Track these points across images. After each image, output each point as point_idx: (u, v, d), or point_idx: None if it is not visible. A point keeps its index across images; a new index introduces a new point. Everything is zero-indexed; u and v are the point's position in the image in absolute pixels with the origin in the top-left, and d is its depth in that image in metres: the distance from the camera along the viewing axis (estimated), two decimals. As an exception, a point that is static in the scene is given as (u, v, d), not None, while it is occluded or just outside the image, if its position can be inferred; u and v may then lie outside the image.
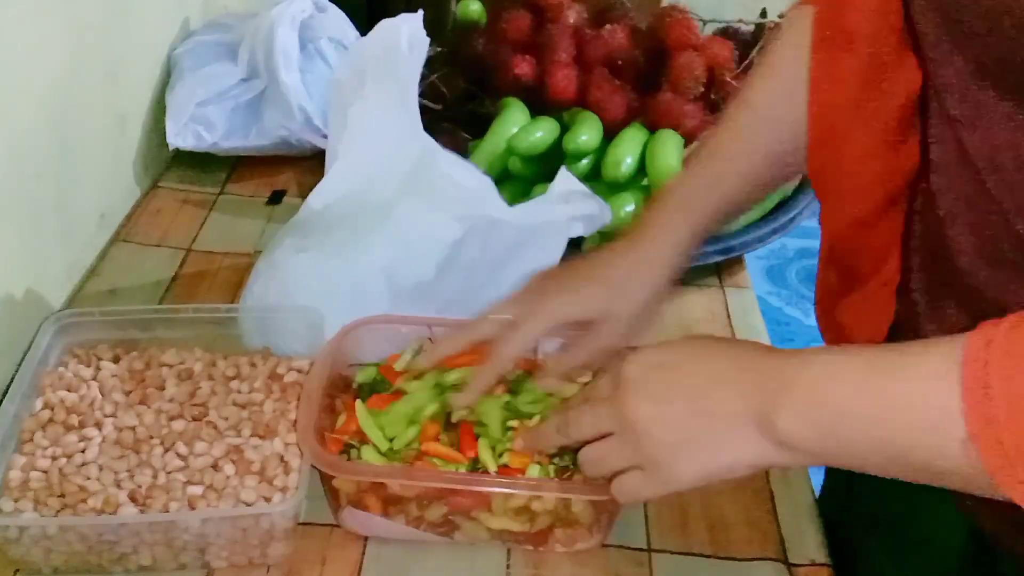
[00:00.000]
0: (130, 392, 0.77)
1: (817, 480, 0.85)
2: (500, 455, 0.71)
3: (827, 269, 0.75)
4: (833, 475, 0.88)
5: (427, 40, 0.87)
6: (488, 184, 0.90)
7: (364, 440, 0.72)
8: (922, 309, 0.65)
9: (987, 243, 0.57)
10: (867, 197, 0.66)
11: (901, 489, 0.80)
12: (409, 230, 0.85)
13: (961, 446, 0.44)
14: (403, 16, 0.86)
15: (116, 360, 0.81)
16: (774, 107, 0.71)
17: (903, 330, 0.68)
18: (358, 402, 0.74)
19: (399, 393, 0.75)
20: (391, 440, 0.72)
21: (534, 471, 0.70)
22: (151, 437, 0.73)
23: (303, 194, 0.88)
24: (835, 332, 0.75)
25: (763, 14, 1.23)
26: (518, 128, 1.09)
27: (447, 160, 0.89)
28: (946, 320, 0.63)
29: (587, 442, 0.62)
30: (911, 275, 0.66)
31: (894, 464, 0.49)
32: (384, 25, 0.87)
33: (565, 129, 1.09)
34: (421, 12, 0.87)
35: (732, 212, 0.77)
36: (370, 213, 0.87)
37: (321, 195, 0.90)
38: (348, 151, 0.89)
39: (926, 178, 0.61)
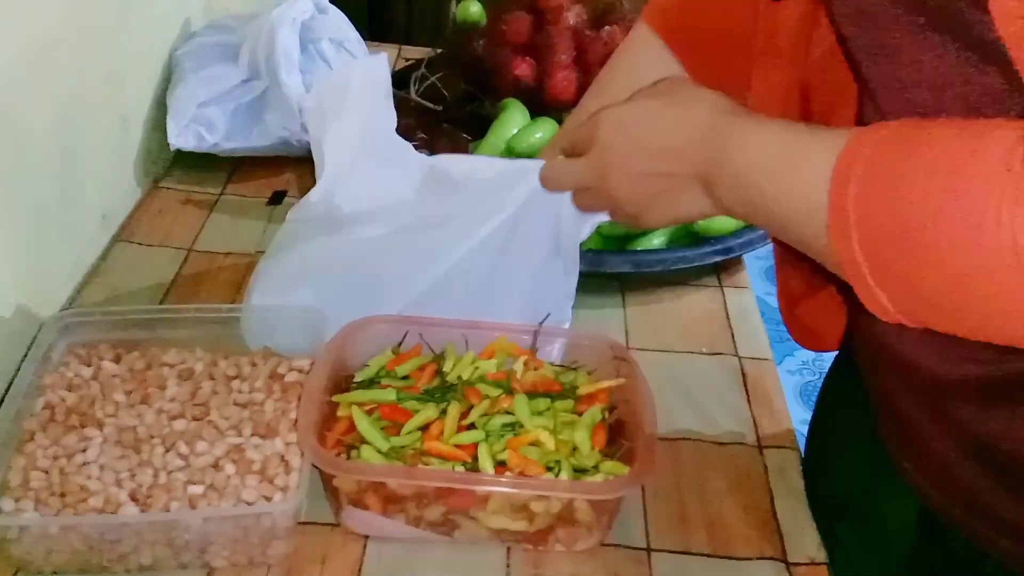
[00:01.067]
0: (131, 392, 0.77)
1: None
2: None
3: (784, 274, 0.76)
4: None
5: (389, 82, 0.87)
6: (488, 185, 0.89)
7: (364, 439, 0.72)
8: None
9: None
10: None
11: (856, 470, 0.83)
12: (409, 230, 0.85)
13: (823, 211, 0.52)
14: (364, 60, 0.86)
15: (117, 360, 0.81)
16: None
17: (855, 314, 0.70)
18: (354, 407, 0.74)
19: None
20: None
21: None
22: (152, 437, 0.74)
23: (303, 194, 0.88)
24: (802, 332, 0.77)
25: (762, 15, 1.23)
26: (518, 129, 1.10)
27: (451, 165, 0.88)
28: None
29: None
30: None
31: (786, 230, 0.58)
32: (343, 69, 0.87)
33: (565, 130, 1.09)
34: (384, 55, 0.87)
35: None
36: (370, 213, 0.87)
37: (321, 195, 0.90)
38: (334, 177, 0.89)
39: None
